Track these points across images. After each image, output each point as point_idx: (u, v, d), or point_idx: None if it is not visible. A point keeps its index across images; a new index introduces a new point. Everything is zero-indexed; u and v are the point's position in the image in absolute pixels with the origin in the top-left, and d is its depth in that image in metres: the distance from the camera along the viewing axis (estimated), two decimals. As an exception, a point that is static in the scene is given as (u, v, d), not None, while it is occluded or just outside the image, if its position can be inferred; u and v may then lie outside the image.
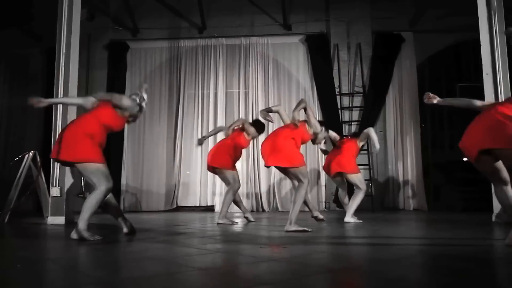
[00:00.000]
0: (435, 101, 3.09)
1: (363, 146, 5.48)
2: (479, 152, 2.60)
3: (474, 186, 7.46)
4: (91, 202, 3.11)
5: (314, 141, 4.15)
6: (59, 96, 4.77)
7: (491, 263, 2.26)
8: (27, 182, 5.34)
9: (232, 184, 4.85)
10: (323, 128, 4.10)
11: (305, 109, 3.95)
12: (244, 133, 5.02)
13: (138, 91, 3.42)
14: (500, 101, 2.88)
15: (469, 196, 7.39)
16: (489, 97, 4.49)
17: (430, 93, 3.12)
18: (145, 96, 3.40)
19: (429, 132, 8.93)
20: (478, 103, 2.92)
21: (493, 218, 4.62)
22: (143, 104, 3.37)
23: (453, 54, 8.85)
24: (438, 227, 4.33)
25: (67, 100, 4.26)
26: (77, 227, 3.08)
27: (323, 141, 4.67)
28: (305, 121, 3.99)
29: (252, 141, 8.29)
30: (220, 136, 5.83)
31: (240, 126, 5.08)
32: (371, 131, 5.06)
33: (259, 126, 5.05)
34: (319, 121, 4.13)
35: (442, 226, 4.34)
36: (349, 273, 1.99)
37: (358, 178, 5.05)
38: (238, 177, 4.98)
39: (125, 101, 3.27)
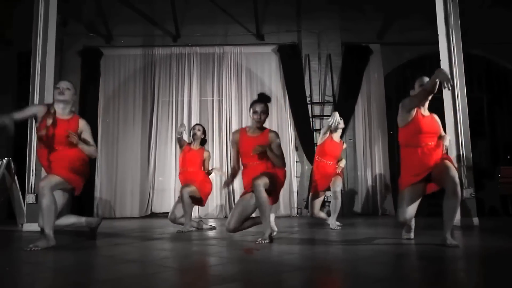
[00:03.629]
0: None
1: None
2: None
3: (438, 192, 7.83)
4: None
5: None
6: (35, 103, 4.81)
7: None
8: (0, 189, 5.32)
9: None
10: None
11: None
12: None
13: None
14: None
15: (434, 202, 7.73)
16: (448, 108, 4.82)
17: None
18: None
19: (396, 140, 9.29)
20: None
21: (459, 223, 4.89)
22: None
23: (418, 65, 9.25)
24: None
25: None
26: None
27: None
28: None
29: (224, 148, 8.56)
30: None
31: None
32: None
33: None
34: None
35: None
36: (319, 271, 2.17)
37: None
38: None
39: None
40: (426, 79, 3.15)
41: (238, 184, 8.44)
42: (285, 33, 9.03)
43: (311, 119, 8.58)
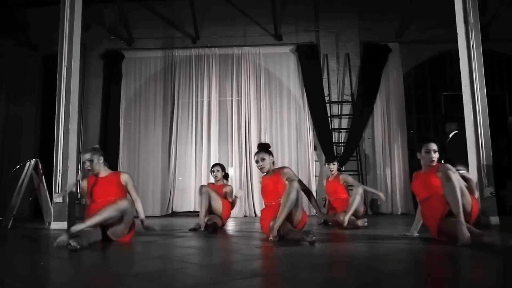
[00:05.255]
0: None
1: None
2: None
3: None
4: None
5: None
6: (61, 106, 5.02)
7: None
8: (28, 188, 5.53)
9: None
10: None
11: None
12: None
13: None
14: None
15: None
16: (467, 107, 4.81)
17: None
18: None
19: (416, 138, 9.25)
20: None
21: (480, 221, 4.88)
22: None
23: (438, 63, 9.19)
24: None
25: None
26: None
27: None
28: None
29: (244, 147, 8.66)
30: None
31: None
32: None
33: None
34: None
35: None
36: (336, 267, 2.24)
37: None
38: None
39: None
40: (434, 146, 3.42)
41: (256, 190, 8.52)
42: (303, 33, 9.09)
43: (329, 119, 8.62)
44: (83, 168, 3.66)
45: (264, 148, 3.90)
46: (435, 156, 3.42)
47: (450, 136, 7.17)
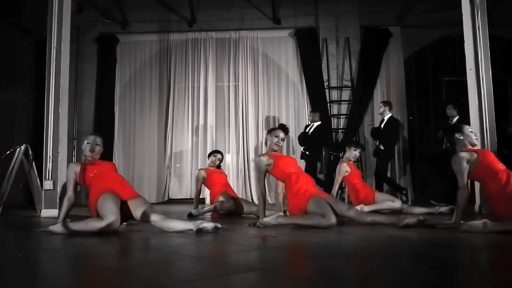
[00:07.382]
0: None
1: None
2: None
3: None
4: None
5: None
6: (50, 90, 4.83)
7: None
8: (19, 175, 5.38)
9: None
10: None
11: None
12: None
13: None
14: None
15: (454, 188, 7.56)
16: (472, 91, 4.66)
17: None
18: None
19: (416, 125, 9.11)
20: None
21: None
22: None
23: (439, 48, 9.00)
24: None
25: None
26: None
27: None
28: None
29: (241, 133, 8.52)
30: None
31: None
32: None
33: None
34: None
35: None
36: (334, 259, 2.10)
37: None
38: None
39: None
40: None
41: (254, 177, 8.37)
42: (302, 17, 8.86)
43: (328, 104, 8.45)
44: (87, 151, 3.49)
45: (287, 131, 4.07)
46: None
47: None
